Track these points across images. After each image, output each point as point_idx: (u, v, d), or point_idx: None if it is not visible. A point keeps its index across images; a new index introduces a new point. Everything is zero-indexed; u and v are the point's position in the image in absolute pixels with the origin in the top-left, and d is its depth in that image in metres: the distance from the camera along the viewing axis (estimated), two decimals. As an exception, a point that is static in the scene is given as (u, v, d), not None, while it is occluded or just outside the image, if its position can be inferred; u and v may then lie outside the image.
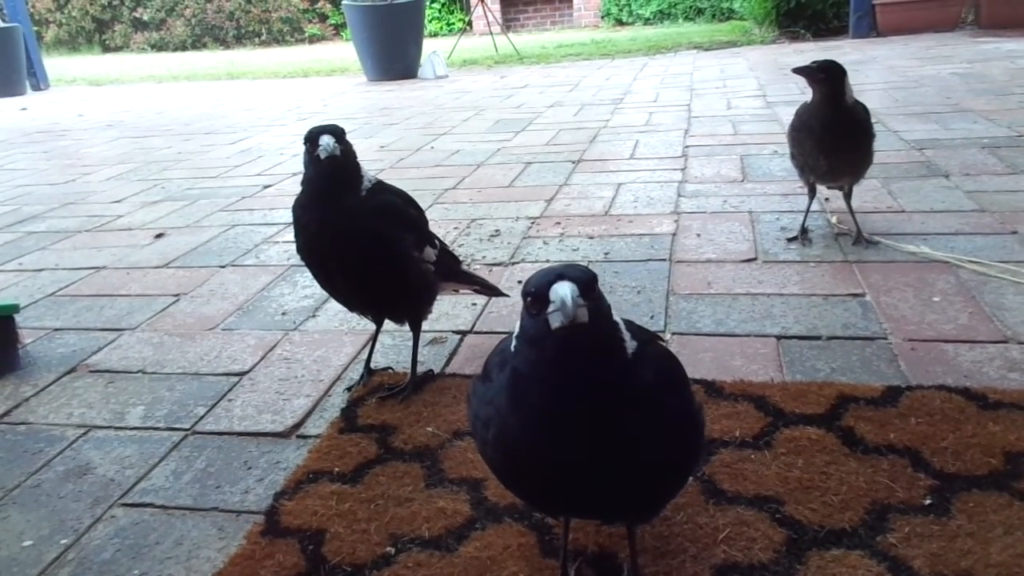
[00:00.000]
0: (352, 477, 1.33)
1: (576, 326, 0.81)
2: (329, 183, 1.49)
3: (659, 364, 0.96)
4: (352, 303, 1.66)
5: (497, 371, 0.97)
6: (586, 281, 0.84)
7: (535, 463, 0.91)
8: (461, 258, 2.02)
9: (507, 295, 1.95)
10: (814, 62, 2.10)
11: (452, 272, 1.71)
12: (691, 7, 13.14)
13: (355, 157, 1.54)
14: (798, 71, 2.10)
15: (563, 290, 0.81)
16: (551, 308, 0.82)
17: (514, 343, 0.91)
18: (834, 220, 2.43)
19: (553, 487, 0.93)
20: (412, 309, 1.65)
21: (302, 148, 1.50)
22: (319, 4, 15.22)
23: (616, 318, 0.91)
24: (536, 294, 0.84)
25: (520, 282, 2.07)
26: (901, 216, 2.45)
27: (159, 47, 15.59)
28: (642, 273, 2.15)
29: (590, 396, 0.86)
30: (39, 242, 2.95)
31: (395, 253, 1.53)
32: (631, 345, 0.90)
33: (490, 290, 1.85)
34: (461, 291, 1.91)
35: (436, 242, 1.65)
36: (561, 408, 0.87)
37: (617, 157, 3.62)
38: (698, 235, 2.42)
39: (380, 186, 1.57)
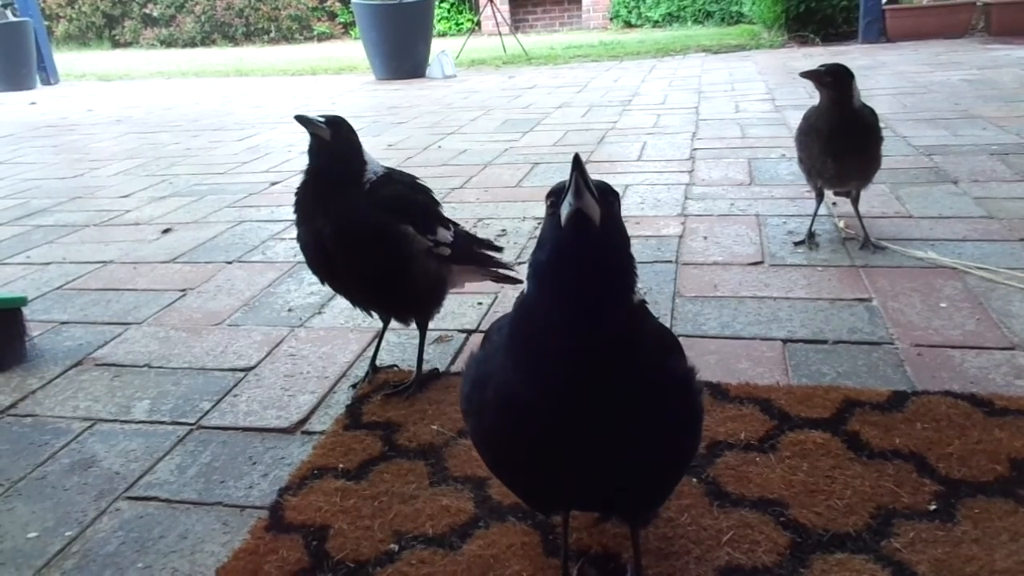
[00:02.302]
0: (356, 474, 1.34)
1: (582, 216, 0.79)
2: (325, 169, 1.49)
3: (659, 333, 0.96)
4: (356, 299, 1.65)
5: (497, 334, 0.96)
6: (604, 187, 0.84)
7: (535, 407, 0.86)
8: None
9: (521, 280, 1.90)
10: (821, 66, 2.11)
11: (470, 254, 1.66)
12: (700, 10, 13.14)
13: (356, 149, 1.52)
14: (806, 75, 2.10)
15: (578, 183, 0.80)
16: (563, 198, 0.80)
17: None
18: (841, 224, 2.43)
19: (550, 452, 0.88)
20: (417, 308, 1.63)
21: (309, 145, 1.52)
22: (328, 2, 15.24)
23: (633, 254, 0.89)
24: (555, 189, 0.84)
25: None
26: (909, 221, 2.45)
27: (168, 43, 15.65)
28: (648, 275, 2.15)
29: (596, 325, 0.83)
30: (47, 236, 2.96)
31: (398, 250, 1.50)
32: (639, 295, 0.89)
33: (508, 277, 1.75)
34: (479, 279, 1.78)
35: (451, 225, 1.62)
36: (566, 325, 0.83)
37: (625, 159, 3.62)
38: (705, 238, 2.42)
39: (388, 177, 1.56)
